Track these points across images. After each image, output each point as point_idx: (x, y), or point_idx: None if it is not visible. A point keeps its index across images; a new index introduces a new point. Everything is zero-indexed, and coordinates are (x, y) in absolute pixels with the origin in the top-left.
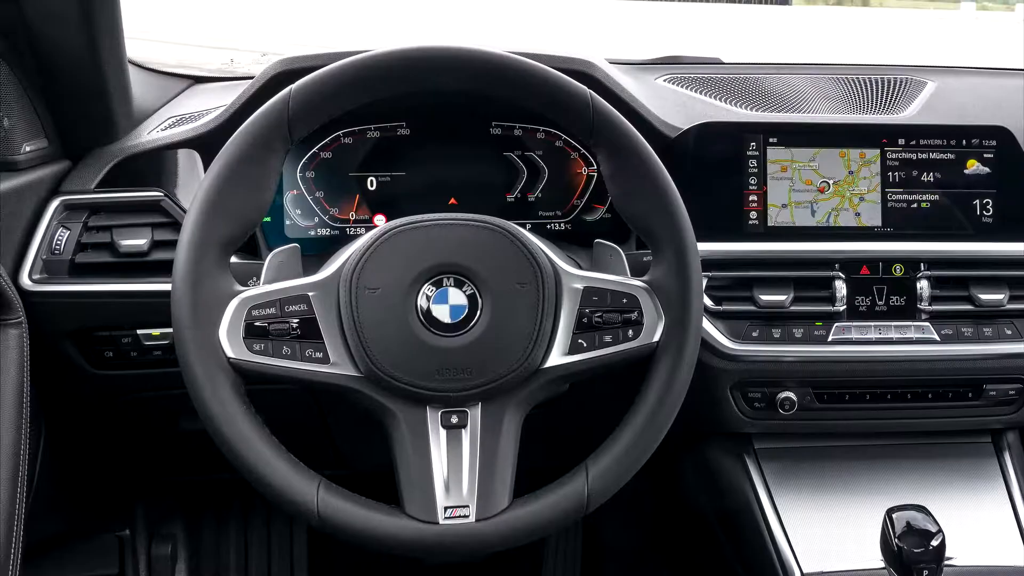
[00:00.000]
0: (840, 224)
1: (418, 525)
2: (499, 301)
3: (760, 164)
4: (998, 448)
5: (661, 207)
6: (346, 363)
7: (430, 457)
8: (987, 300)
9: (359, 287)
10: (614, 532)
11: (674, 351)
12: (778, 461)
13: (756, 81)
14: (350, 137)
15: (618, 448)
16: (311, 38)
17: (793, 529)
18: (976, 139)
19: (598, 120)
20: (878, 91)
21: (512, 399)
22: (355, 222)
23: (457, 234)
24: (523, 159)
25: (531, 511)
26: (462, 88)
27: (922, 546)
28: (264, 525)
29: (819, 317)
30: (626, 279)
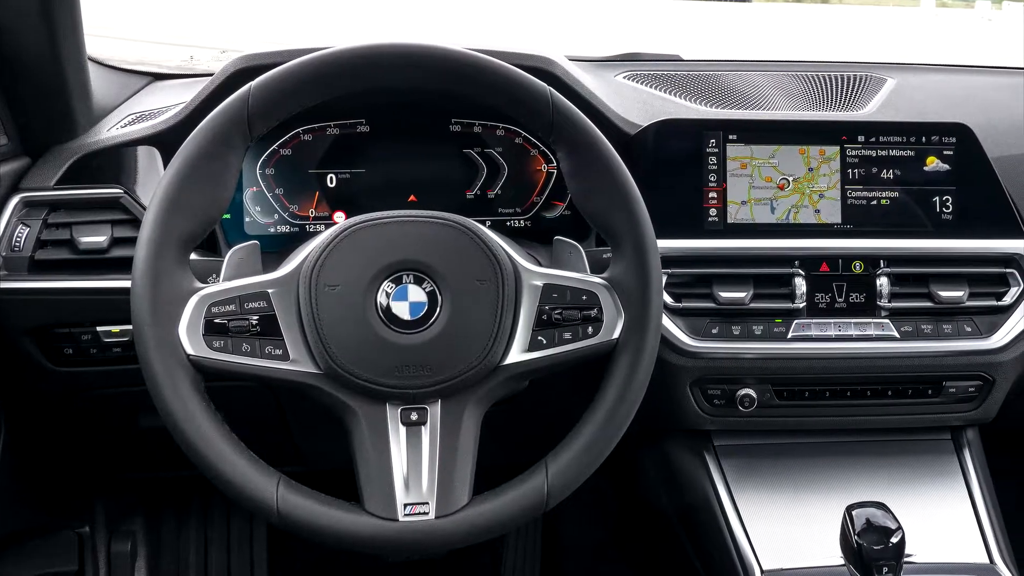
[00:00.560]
0: (800, 221)
1: (378, 522)
2: (459, 298)
3: (720, 161)
4: (958, 445)
5: (621, 204)
6: (306, 360)
7: (390, 454)
8: (947, 297)
9: (319, 284)
10: (574, 529)
11: (633, 348)
12: (738, 458)
13: (716, 78)
14: (310, 134)
15: (578, 445)
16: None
17: (753, 526)
18: (936, 136)
19: (558, 117)
20: (838, 88)
21: (472, 396)
22: (315, 219)
23: (417, 231)
24: (483, 156)
25: (491, 508)
26: (422, 85)
27: (882, 543)
28: (224, 522)
29: (779, 314)
30: (586, 276)
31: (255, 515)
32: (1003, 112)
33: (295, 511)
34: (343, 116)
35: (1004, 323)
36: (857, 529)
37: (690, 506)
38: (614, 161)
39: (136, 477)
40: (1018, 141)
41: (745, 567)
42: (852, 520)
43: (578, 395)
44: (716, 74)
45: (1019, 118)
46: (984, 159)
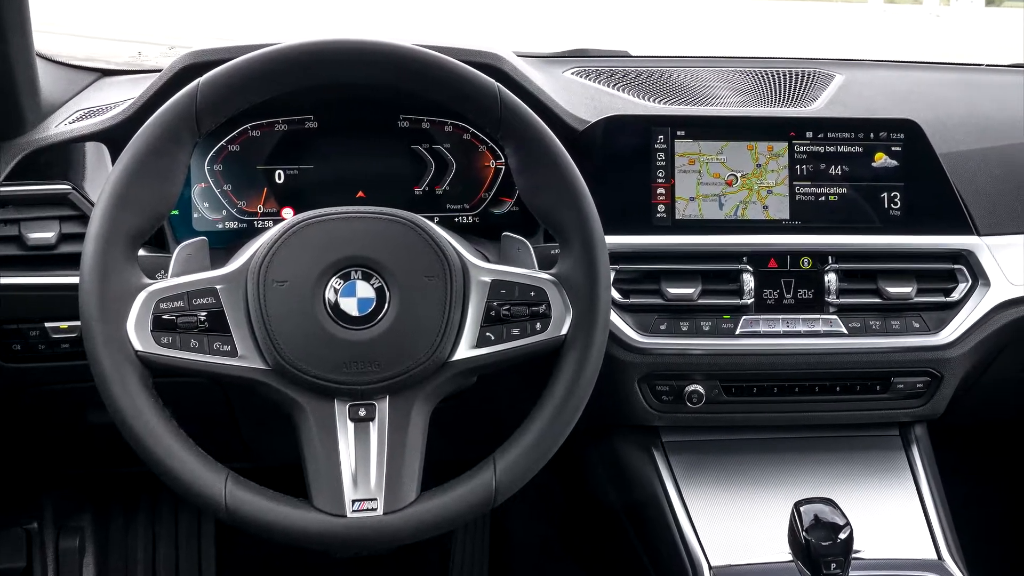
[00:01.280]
0: (748, 217)
1: (326, 518)
2: (407, 294)
3: (668, 157)
4: (906, 441)
5: (569, 200)
6: (254, 356)
7: (338, 450)
8: (895, 293)
9: (267, 280)
10: (522, 525)
11: (582, 344)
12: (686, 454)
13: (664, 74)
14: (258, 130)
15: (526, 441)
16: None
17: (701, 522)
18: (884, 132)
19: (506, 113)
20: (786, 84)
21: (420, 392)
22: (263, 215)
23: (365, 227)
24: (431, 152)
25: (439, 504)
26: (370, 81)
27: (830, 539)
28: (172, 518)
29: (727, 310)
30: (534, 272)
31: (203, 511)
32: (951, 108)
33: (243, 507)
34: (291, 112)
35: (952, 319)
36: (805, 525)
37: (638, 502)
38: (562, 157)
39: (84, 473)
40: (966, 137)
41: (693, 563)
42: (800, 516)
43: (526, 391)
44: (664, 70)
45: (967, 114)
46: (932, 155)
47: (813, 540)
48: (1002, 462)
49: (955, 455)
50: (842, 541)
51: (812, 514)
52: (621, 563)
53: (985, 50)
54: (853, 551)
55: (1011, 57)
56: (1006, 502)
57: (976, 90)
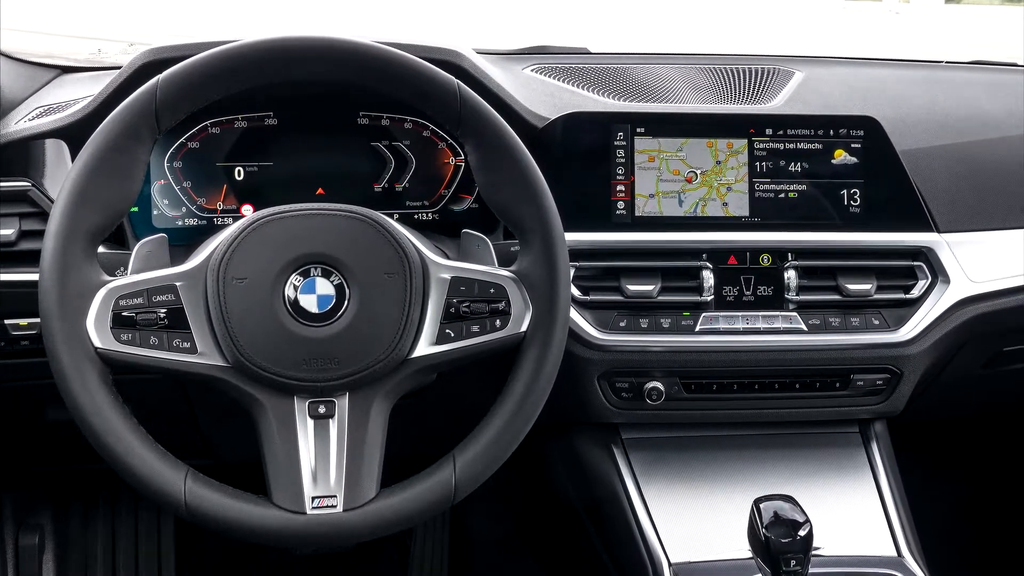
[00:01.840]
0: (708, 214)
1: (285, 515)
2: (366, 291)
3: (627, 154)
4: (865, 438)
5: (528, 197)
6: (213, 353)
7: (297, 447)
8: (854, 290)
9: (226, 277)
10: (482, 522)
11: (541, 341)
12: (646, 451)
13: (624, 71)
14: (218, 127)
15: (486, 438)
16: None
17: (661, 519)
18: (844, 129)
19: (465, 110)
20: (746, 81)
21: (380, 389)
22: (223, 212)
23: (324, 224)
24: (390, 149)
25: (398, 501)
26: (330, 78)
27: (789, 536)
28: (131, 515)
29: (687, 307)
30: (493, 269)
31: (163, 508)
32: (911, 105)
33: (203, 504)
34: (251, 109)
35: (912, 316)
36: (765, 522)
37: (598, 499)
38: (521, 154)
39: (44, 470)
40: (926, 134)
41: (653, 560)
42: (760, 513)
43: (486, 388)
44: (624, 67)
45: (927, 111)
46: (892, 152)
47: (773, 537)
48: (961, 459)
49: (915, 452)
50: (802, 538)
51: (772, 511)
52: (581, 560)
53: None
54: (813, 548)
55: (971, 54)
56: (965, 499)
57: (936, 87)
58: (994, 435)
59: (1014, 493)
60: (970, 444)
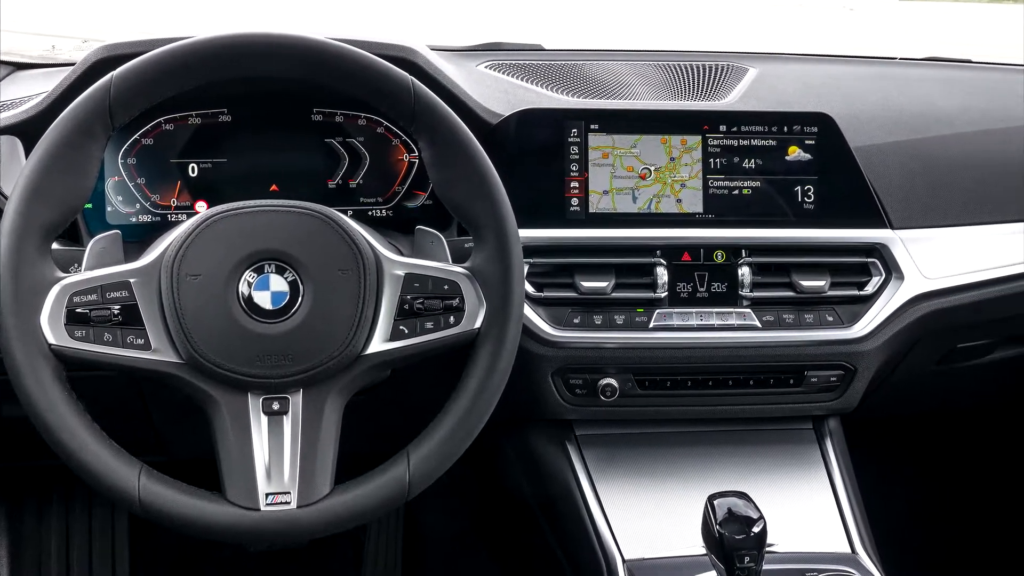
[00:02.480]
0: (661, 211)
1: (239, 511)
2: (320, 288)
3: (581, 151)
4: (819, 435)
5: (482, 194)
6: (167, 350)
7: (251, 444)
8: (808, 287)
9: (180, 273)
10: (436, 518)
11: (495, 337)
12: (600, 448)
13: (578, 67)
14: (172, 123)
15: (440, 434)
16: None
17: (615, 516)
18: (797, 126)
19: (419, 107)
20: (700, 77)
21: (334, 385)
22: (176, 208)
23: (278, 220)
24: (344, 145)
25: (352, 497)
26: (283, 75)
27: (743, 532)
28: (86, 512)
29: (640, 304)
30: (447, 265)
31: (117, 505)
32: (865, 102)
33: (157, 501)
34: (205, 105)
35: (865, 313)
36: (719, 519)
37: (552, 496)
38: (475, 151)
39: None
40: (880, 130)
41: (607, 556)
42: (714, 510)
43: (440, 385)
44: (578, 63)
45: (881, 107)
46: (846, 149)
47: (726, 533)
48: (915, 455)
49: (869, 448)
50: (755, 534)
51: (726, 507)
52: (535, 556)
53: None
54: (766, 544)
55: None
56: (919, 495)
57: (890, 83)
58: (947, 432)
59: (967, 489)
60: (924, 441)
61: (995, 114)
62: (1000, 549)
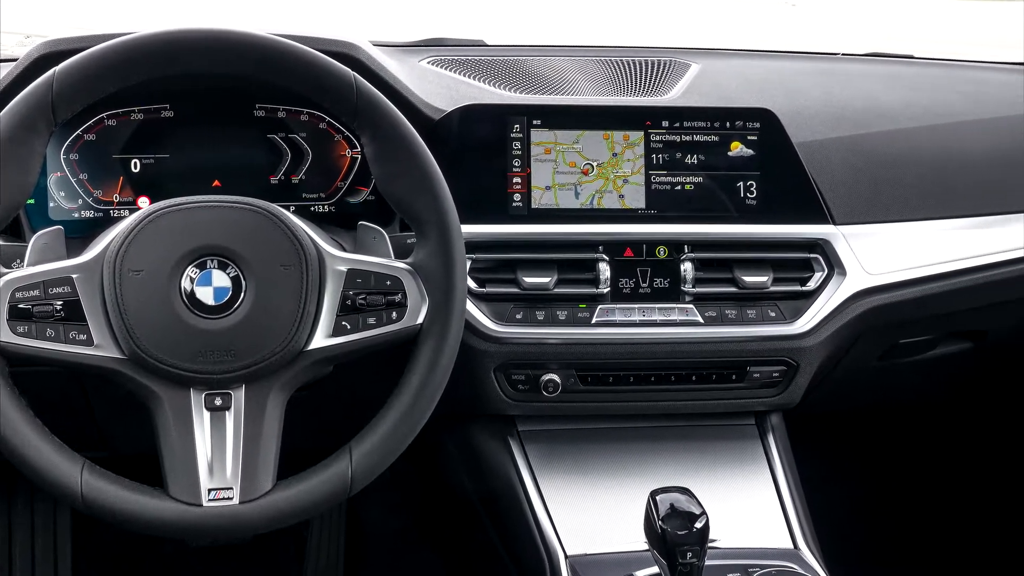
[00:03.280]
0: (604, 206)
1: (181, 507)
2: (263, 283)
3: (524, 146)
4: (762, 430)
5: (424, 189)
6: (110, 345)
7: (194, 439)
8: (750, 282)
9: (123, 269)
10: (379, 514)
11: (437, 333)
12: (542, 443)
13: (520, 63)
14: (114, 119)
15: (382, 430)
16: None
17: (557, 512)
18: (740, 121)
19: (362, 102)
20: (642, 73)
21: (276, 381)
22: (119, 204)
23: (220, 216)
24: (287, 141)
25: (294, 493)
26: (226, 71)
27: (685, 528)
28: (28, 508)
29: (583, 299)
30: (390, 261)
31: (59, 500)
32: (807, 97)
33: (99, 496)
34: (147, 101)
35: (808, 308)
36: (661, 514)
37: (494, 492)
38: (418, 146)
39: None
40: (822, 126)
41: (549, 552)
42: (656, 505)
43: (383, 380)
44: (520, 59)
45: (823, 103)
46: (788, 144)
47: (669, 529)
48: (857, 451)
49: (811, 444)
50: (698, 530)
51: (668, 503)
52: (478, 553)
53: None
54: (709, 540)
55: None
56: (861, 491)
57: (832, 79)
58: (889, 427)
59: (909, 484)
60: (866, 436)
61: (938, 110)
62: (940, 543)
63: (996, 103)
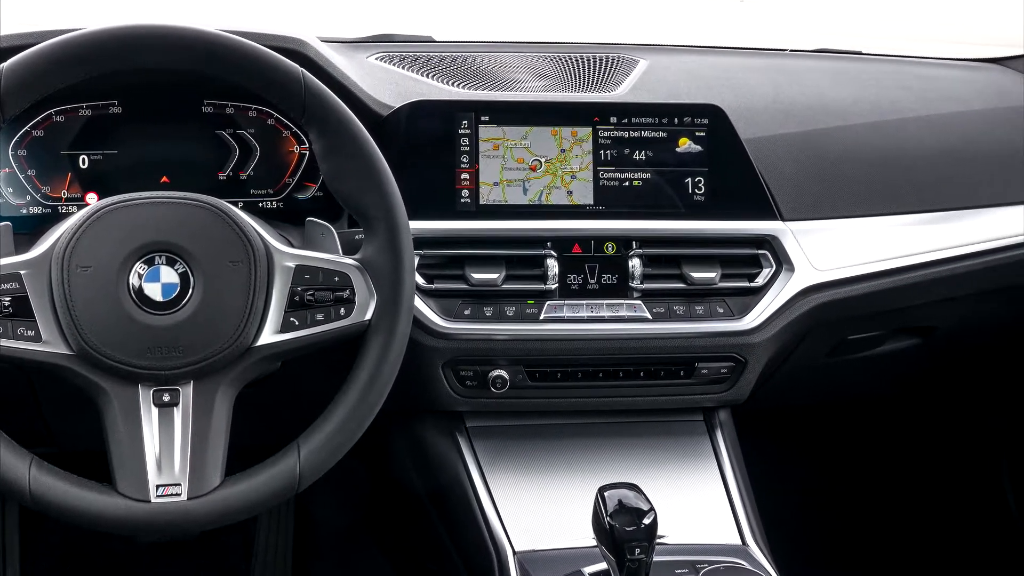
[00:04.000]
0: (552, 202)
1: (129, 503)
2: (211, 279)
3: (472, 142)
4: (710, 426)
5: (373, 185)
6: (58, 341)
7: (142, 435)
8: (698, 278)
9: (71, 265)
10: (327, 510)
11: (386, 329)
12: (491, 439)
13: (468, 59)
14: (62, 115)
15: (330, 426)
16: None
17: (505, 508)
18: (688, 117)
19: (310, 99)
20: (590, 69)
21: (224, 377)
22: (67, 200)
23: (169, 212)
24: (235, 137)
25: (243, 489)
26: (174, 67)
27: (634, 524)
28: None
29: (531, 295)
30: (338, 257)
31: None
32: (755, 93)
33: (47, 492)
34: (96, 97)
35: (756, 304)
36: (609, 510)
37: (442, 488)
38: (366, 142)
39: None
40: (770, 122)
41: (498, 548)
42: (604, 501)
43: (331, 377)
44: (469, 55)
45: (771, 99)
46: (736, 140)
47: (617, 525)
48: (806, 447)
49: (759, 440)
50: (646, 526)
51: (616, 499)
52: (426, 549)
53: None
54: (657, 536)
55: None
56: (809, 487)
57: (780, 75)
58: (838, 423)
59: (857, 480)
60: (815, 432)
61: (885, 106)
62: (887, 538)
63: (943, 99)
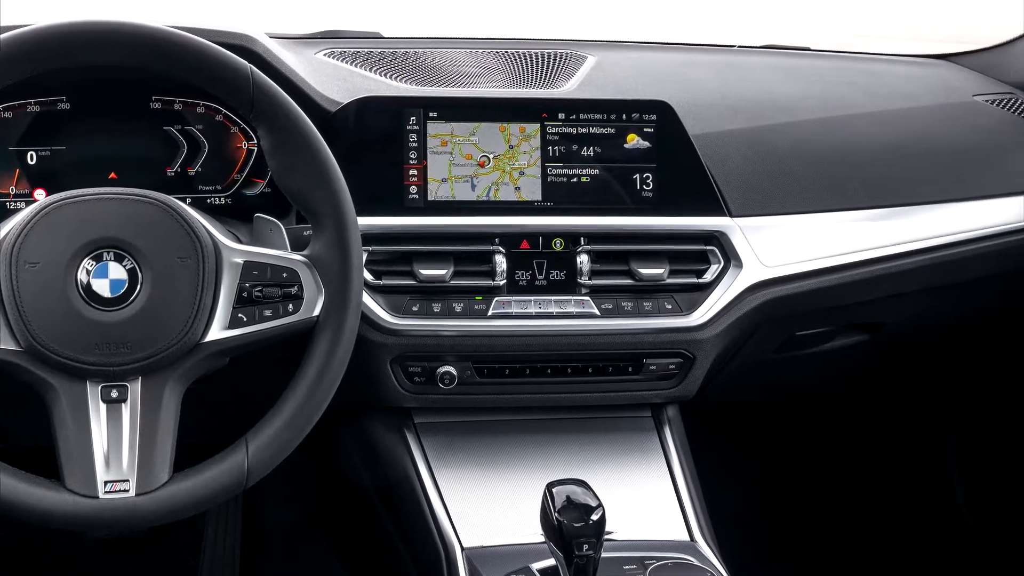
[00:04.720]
0: (500, 198)
1: (78, 499)
2: (159, 275)
3: (420, 138)
4: (658, 423)
5: (321, 181)
6: (6, 337)
7: (90, 431)
8: (647, 275)
9: (19, 261)
10: (276, 506)
11: (334, 325)
12: (439, 435)
13: (417, 56)
14: (9, 111)
15: (278, 422)
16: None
17: (453, 504)
18: (636, 113)
19: (258, 95)
20: (538, 65)
21: (172, 373)
22: (15, 196)
23: (117, 208)
24: (183, 133)
25: (191, 485)
26: (122, 63)
27: (582, 520)
28: None
29: (479, 291)
30: (286, 253)
31: None
32: (704, 89)
33: None
34: (43, 93)
35: (704, 300)
36: (557, 506)
37: (390, 484)
38: (314, 138)
39: None
40: (719, 118)
41: (446, 545)
42: (552, 497)
43: (279, 373)
44: (417, 51)
45: (720, 95)
46: (684, 136)
47: (565, 521)
48: (754, 444)
49: (707, 436)
50: (594, 522)
51: (564, 495)
52: (375, 545)
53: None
54: (605, 532)
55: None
56: (757, 483)
57: (729, 71)
58: (787, 419)
59: (806, 476)
60: (763, 428)
61: (832, 102)
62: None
63: (891, 96)
